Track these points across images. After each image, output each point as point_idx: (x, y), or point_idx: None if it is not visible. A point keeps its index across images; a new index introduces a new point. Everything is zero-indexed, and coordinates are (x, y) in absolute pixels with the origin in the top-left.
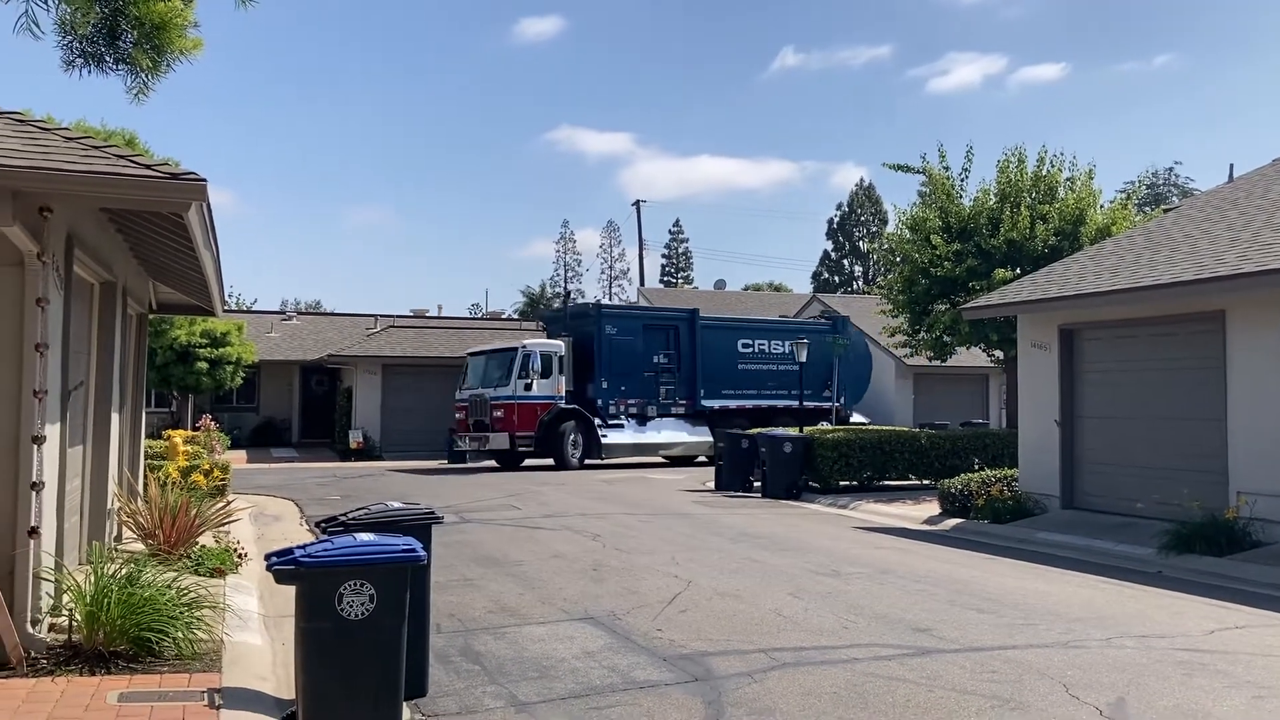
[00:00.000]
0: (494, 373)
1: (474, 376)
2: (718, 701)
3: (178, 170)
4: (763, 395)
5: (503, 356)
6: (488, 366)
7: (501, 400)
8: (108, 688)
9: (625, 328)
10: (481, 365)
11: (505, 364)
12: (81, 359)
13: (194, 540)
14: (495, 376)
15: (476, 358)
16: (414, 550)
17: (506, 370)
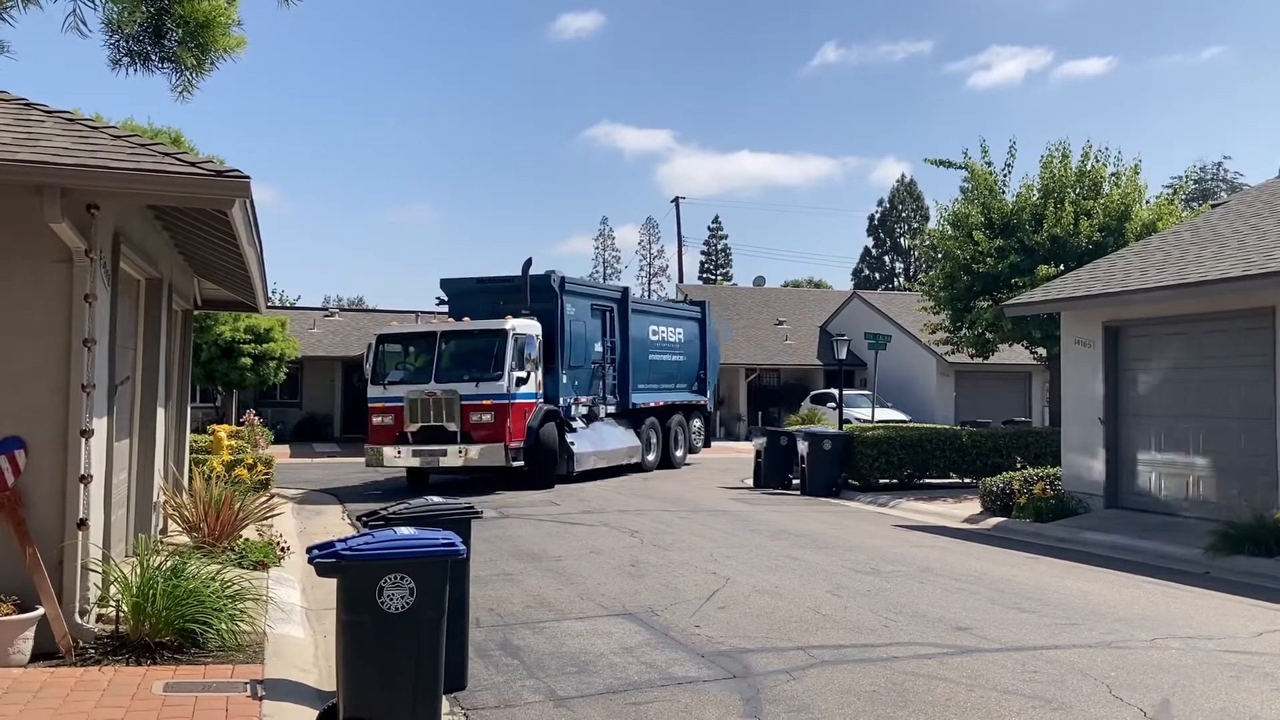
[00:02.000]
0: (463, 361)
1: (418, 366)
2: (756, 699)
3: (222, 168)
4: (663, 389)
5: (481, 340)
6: (449, 352)
7: (489, 400)
8: (154, 678)
9: (581, 308)
10: (435, 350)
11: (488, 350)
12: (128, 354)
13: (238, 533)
14: (469, 367)
15: (420, 340)
16: (454, 544)
17: (490, 358)
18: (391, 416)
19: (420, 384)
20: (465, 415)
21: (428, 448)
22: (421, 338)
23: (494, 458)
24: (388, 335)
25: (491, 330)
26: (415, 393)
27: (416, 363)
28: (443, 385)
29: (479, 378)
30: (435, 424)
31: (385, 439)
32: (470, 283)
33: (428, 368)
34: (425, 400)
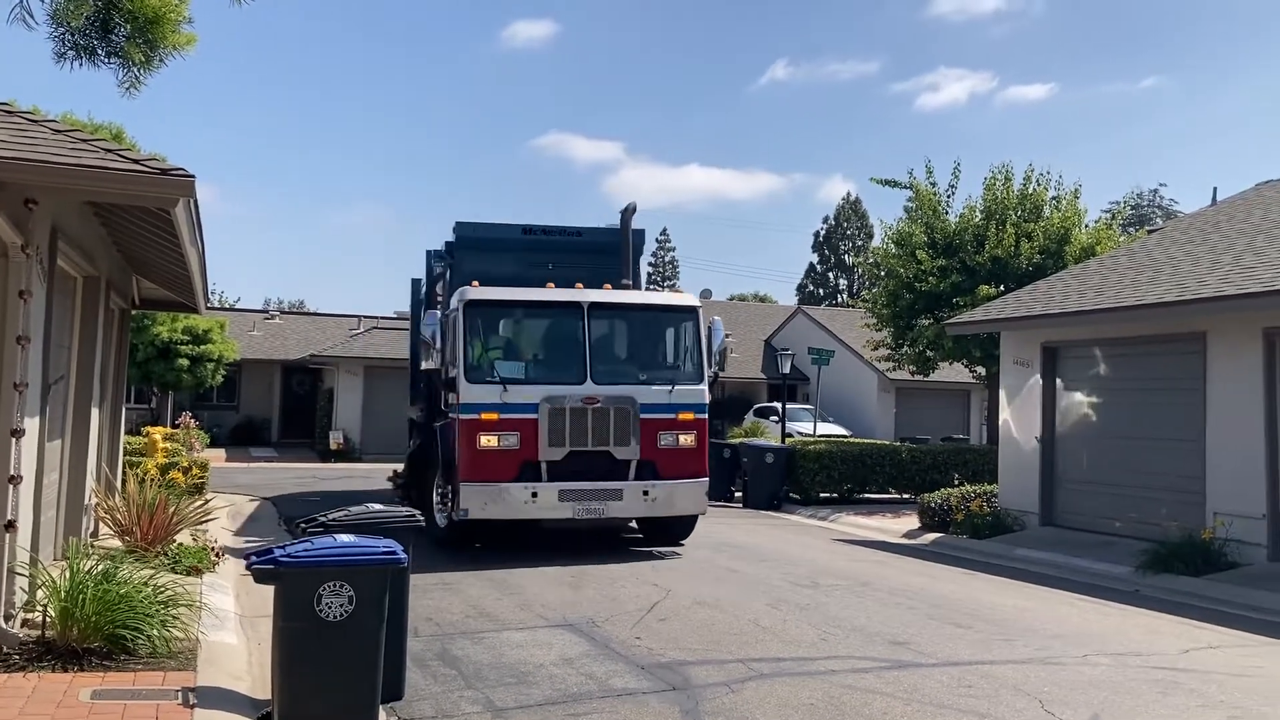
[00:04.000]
0: (629, 354)
1: (547, 356)
2: (695, 710)
3: (166, 166)
4: None
5: (654, 321)
6: (602, 337)
7: (688, 413)
8: (81, 685)
9: None
10: (582, 332)
11: (667, 337)
12: (63, 353)
13: (171, 538)
14: (638, 362)
15: (552, 313)
16: (394, 553)
17: (675, 351)
18: (516, 436)
19: (562, 384)
20: (648, 435)
21: (586, 487)
22: (555, 310)
23: (692, 503)
24: (484, 300)
25: (675, 308)
26: (562, 398)
27: (542, 350)
28: (608, 388)
29: (669, 378)
30: (597, 448)
31: (503, 472)
32: (508, 232)
33: (571, 359)
34: (581, 411)
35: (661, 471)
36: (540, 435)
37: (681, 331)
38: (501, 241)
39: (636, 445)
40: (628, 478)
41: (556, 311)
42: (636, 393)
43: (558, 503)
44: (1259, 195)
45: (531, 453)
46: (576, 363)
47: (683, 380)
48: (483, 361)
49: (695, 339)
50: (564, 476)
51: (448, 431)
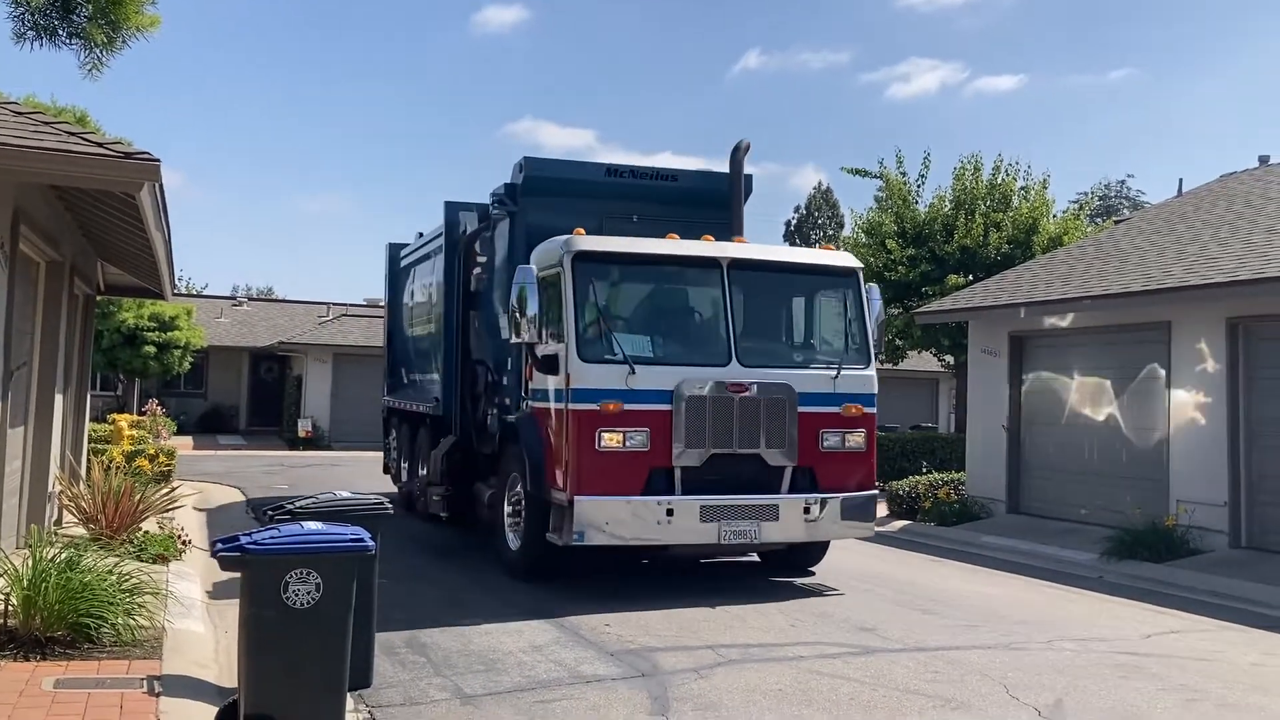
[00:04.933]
0: (778, 328)
1: (675, 330)
2: (664, 697)
3: (131, 149)
4: None
5: (804, 285)
6: (746, 306)
7: (854, 405)
8: (43, 674)
9: None
10: (724, 298)
11: (819, 308)
12: (25, 339)
13: (137, 526)
14: (788, 340)
15: (683, 271)
16: (362, 540)
17: (833, 325)
18: (644, 433)
19: (700, 365)
20: (808, 434)
21: (735, 502)
22: (688, 268)
23: (861, 523)
24: (599, 253)
25: (833, 269)
26: (701, 384)
27: (671, 322)
28: (759, 372)
29: (829, 361)
30: (745, 450)
31: (628, 481)
32: (587, 173)
33: (709, 334)
34: (725, 402)
35: (823, 482)
36: (675, 433)
37: (841, 299)
38: (578, 185)
39: (794, 447)
40: (781, 489)
41: (689, 270)
42: (794, 379)
43: (699, 524)
44: (1224, 187)
45: (663, 456)
46: (717, 338)
47: (847, 363)
48: (597, 334)
49: (858, 309)
50: (702, 488)
51: (537, 426)
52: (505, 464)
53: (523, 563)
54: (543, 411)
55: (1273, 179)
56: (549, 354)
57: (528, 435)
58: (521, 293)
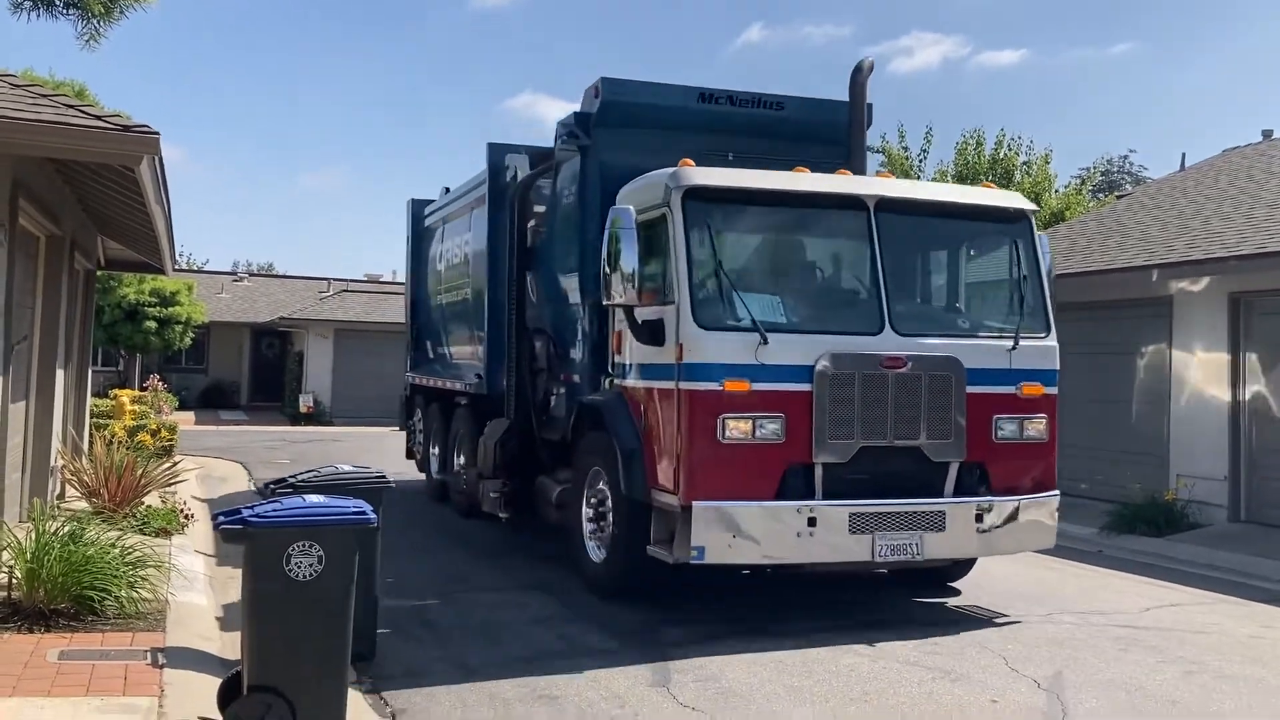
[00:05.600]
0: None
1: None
2: (665, 668)
3: (129, 122)
4: None
5: (974, 230)
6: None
7: (1033, 384)
8: (48, 646)
9: None
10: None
11: (988, 258)
12: (26, 314)
13: (139, 500)
14: (957, 300)
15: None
16: (364, 513)
17: (1009, 284)
18: (779, 421)
19: (844, 332)
20: (978, 421)
21: (892, 509)
22: (825, 210)
23: (1041, 532)
24: (717, 190)
25: (1002, 212)
26: (849, 358)
27: (805, 278)
28: (918, 341)
29: (999, 327)
30: (901, 442)
31: (758, 482)
32: (676, 97)
33: (854, 294)
34: (878, 380)
35: (996, 481)
36: (816, 420)
37: (1011, 250)
38: (665, 114)
39: (961, 438)
40: (945, 491)
41: (828, 213)
42: (961, 350)
43: (847, 536)
44: (1226, 161)
45: (801, 449)
46: (866, 299)
47: (1023, 330)
48: (717, 294)
49: (1032, 262)
50: (849, 490)
51: (629, 409)
52: (582, 456)
53: (610, 579)
54: (639, 392)
55: (1275, 153)
56: (651, 319)
57: (617, 421)
58: (613, 242)
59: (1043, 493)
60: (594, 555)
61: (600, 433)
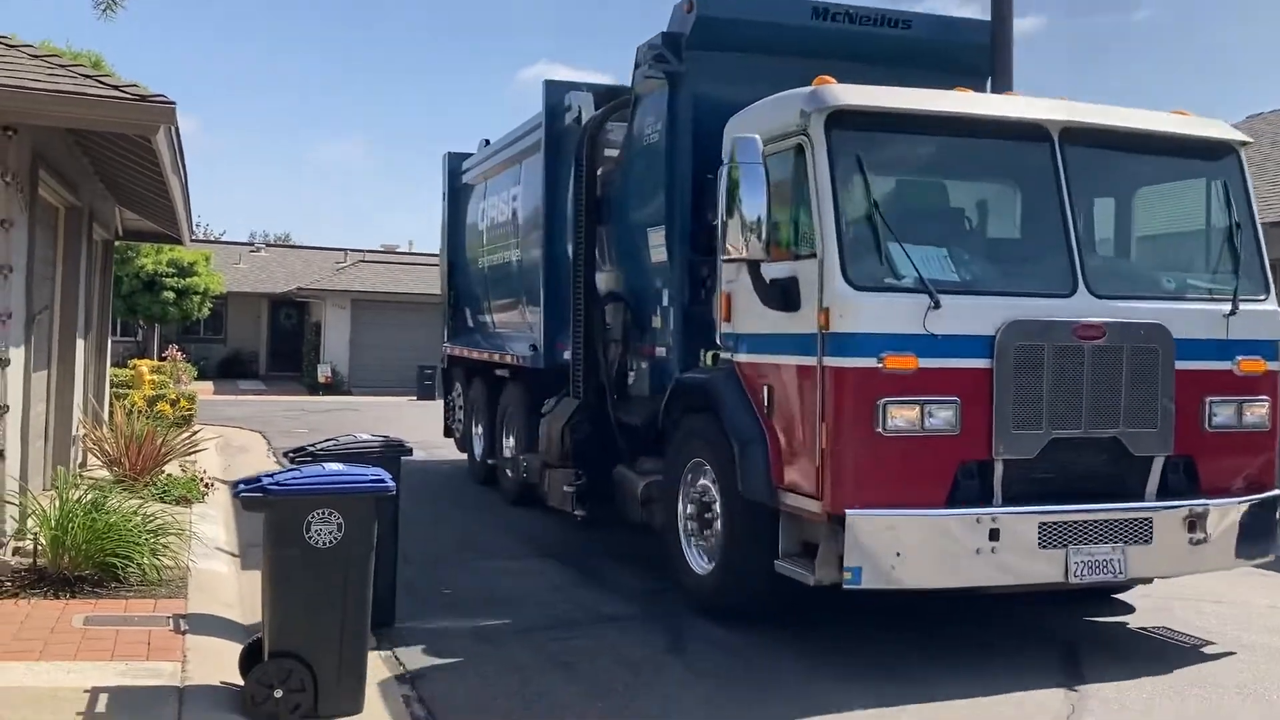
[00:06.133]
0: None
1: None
2: (680, 635)
3: (146, 92)
4: None
5: (1173, 167)
6: (1086, 196)
7: (1254, 360)
8: (73, 611)
9: None
10: (1058, 186)
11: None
12: (46, 283)
13: (160, 469)
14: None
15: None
16: (383, 481)
17: (1218, 234)
18: (949, 408)
19: (1026, 294)
20: (1188, 405)
21: (1090, 516)
22: (1000, 139)
23: (1259, 544)
24: (870, 113)
25: (1206, 145)
26: (1037, 328)
27: (976, 226)
28: (1118, 305)
29: (1208, 288)
30: (1098, 433)
31: (923, 485)
32: (785, 13)
33: (1038, 245)
34: (1072, 352)
35: (1207, 480)
36: (998, 405)
37: (1218, 193)
38: (773, 34)
39: (1169, 426)
40: (1147, 493)
41: (1002, 144)
42: (1168, 316)
43: (1036, 552)
44: (1250, 127)
45: (977, 443)
46: (1053, 252)
47: (1240, 291)
48: (871, 245)
49: (1244, 208)
50: (1034, 494)
51: (746, 390)
52: (678, 445)
53: (719, 595)
54: (760, 369)
55: None
56: (782, 277)
57: (729, 405)
58: (733, 181)
59: (1261, 492)
60: (696, 565)
61: (703, 417)
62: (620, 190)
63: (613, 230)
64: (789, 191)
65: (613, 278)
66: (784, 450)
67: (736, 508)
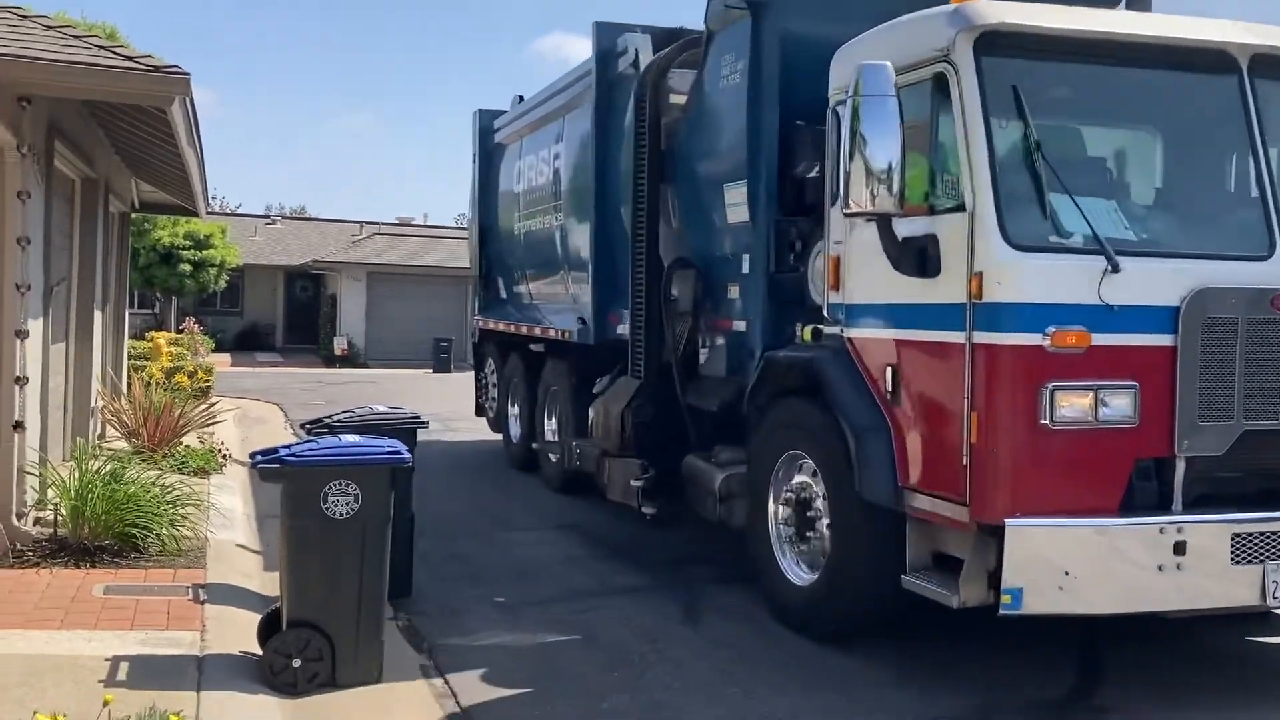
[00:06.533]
0: None
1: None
2: (694, 605)
3: (161, 63)
4: None
5: None
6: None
7: None
8: (94, 580)
9: None
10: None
11: None
12: (63, 255)
13: (178, 440)
14: None
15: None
16: (399, 452)
17: None
18: (1126, 394)
19: (1216, 256)
20: None
21: None
22: (1176, 66)
23: None
24: (1023, 35)
25: None
26: (1231, 294)
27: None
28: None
29: None
30: None
31: (1094, 488)
32: None
33: (1230, 198)
34: (1269, 329)
35: None
36: (1179, 391)
37: None
38: None
39: None
40: None
41: (1180, 76)
42: None
43: (1228, 569)
44: None
45: (1156, 437)
46: (1243, 206)
47: None
48: (1033, 195)
49: None
50: (1219, 497)
51: (858, 371)
52: (769, 433)
53: (824, 614)
54: (881, 346)
55: None
56: (917, 235)
57: (844, 387)
58: (857, 118)
59: None
60: (793, 575)
61: (802, 402)
62: (688, 143)
63: (679, 188)
64: (925, 133)
65: (679, 242)
66: (914, 443)
67: (848, 510)
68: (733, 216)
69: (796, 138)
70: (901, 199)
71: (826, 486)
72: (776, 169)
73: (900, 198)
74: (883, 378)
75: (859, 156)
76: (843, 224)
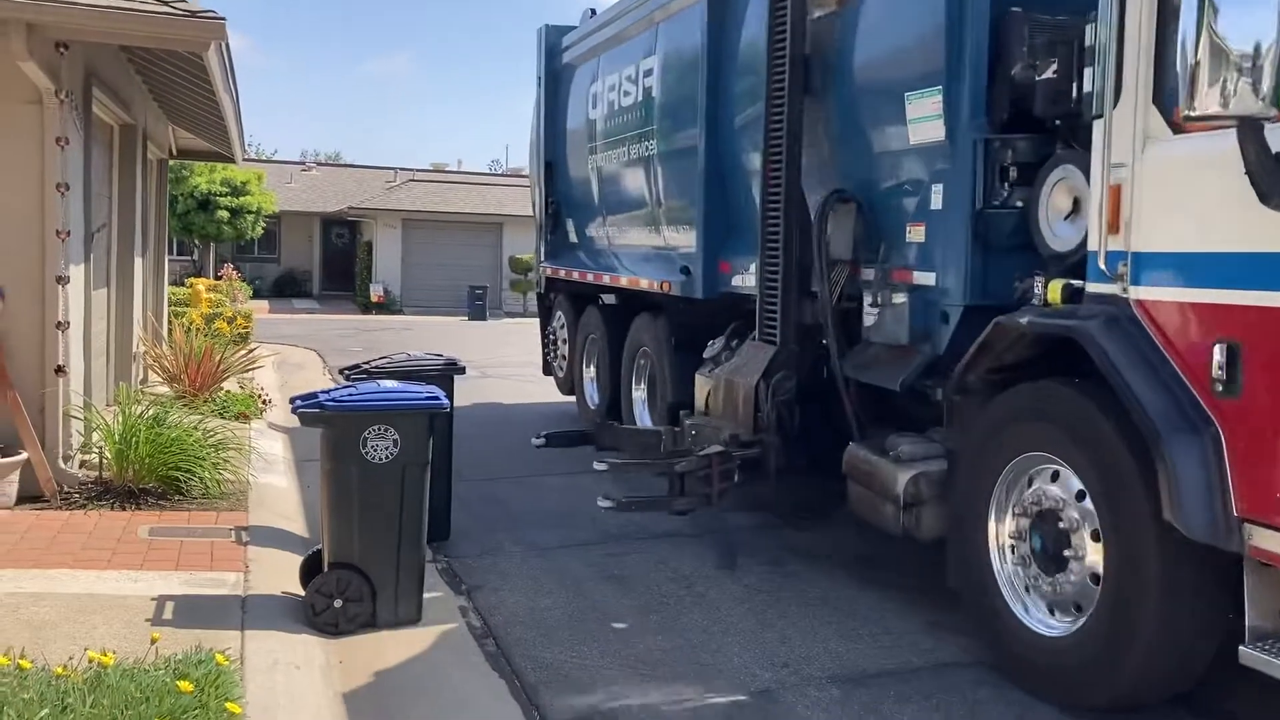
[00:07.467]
0: None
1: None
2: (731, 554)
3: (196, 8)
4: None
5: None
6: None
7: None
8: (139, 522)
9: None
10: None
11: None
12: (103, 201)
13: (219, 385)
14: None
15: None
16: (438, 398)
17: None
18: None
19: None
20: None
21: None
22: None
23: None
24: None
25: None
26: None
27: None
28: None
29: None
30: None
31: None
32: None
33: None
34: None
35: None
36: None
37: None
38: None
39: None
40: None
41: None
42: None
43: None
44: None
45: None
46: None
47: None
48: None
49: None
50: None
51: (1173, 346)
52: (997, 427)
53: (1090, 679)
54: (1213, 312)
55: None
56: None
57: (1136, 369)
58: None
59: None
60: (1034, 623)
61: (1053, 386)
62: (848, 43)
63: (834, 101)
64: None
65: (830, 171)
66: (1261, 456)
67: (1139, 545)
68: (917, 135)
69: (1013, 28)
70: (1277, 96)
71: (1100, 508)
72: (987, 72)
73: (1273, 97)
74: (1202, 359)
75: (1205, 34)
76: (1130, 140)
